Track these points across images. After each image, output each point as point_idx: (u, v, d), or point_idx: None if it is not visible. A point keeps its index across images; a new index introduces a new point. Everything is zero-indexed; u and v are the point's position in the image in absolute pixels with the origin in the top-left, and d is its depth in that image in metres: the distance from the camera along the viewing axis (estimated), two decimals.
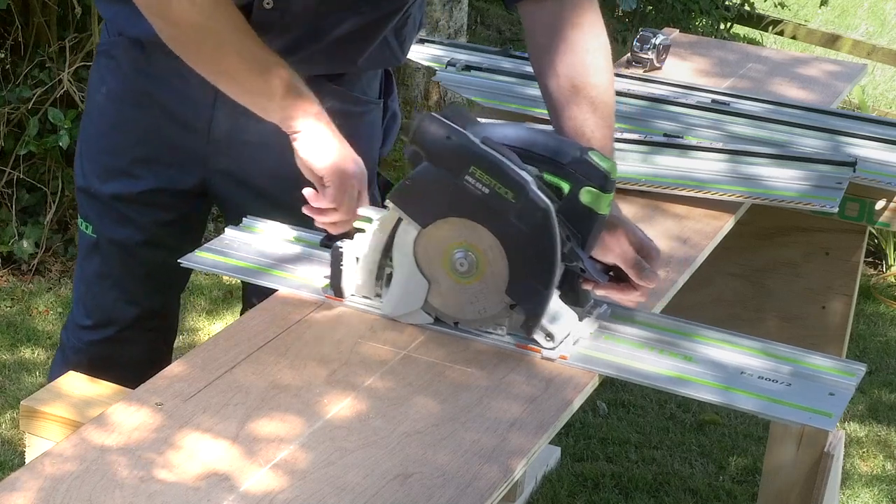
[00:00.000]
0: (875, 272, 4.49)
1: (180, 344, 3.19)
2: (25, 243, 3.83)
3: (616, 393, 3.53)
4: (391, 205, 1.68)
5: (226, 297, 3.88)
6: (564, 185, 1.66)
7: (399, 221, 1.69)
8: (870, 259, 4.50)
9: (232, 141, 2.01)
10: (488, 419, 1.52)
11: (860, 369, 1.67)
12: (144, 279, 2.14)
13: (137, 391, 1.53)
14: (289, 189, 1.86)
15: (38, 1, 3.81)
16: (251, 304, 1.95)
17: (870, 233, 3.13)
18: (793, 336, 2.60)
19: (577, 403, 1.60)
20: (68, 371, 1.69)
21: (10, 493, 1.32)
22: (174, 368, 1.58)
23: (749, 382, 1.63)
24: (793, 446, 2.79)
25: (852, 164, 2.25)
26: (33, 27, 3.88)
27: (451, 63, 2.64)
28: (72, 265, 3.82)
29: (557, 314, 1.67)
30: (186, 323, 3.68)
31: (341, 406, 1.53)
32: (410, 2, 1.95)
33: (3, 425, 3.15)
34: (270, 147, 1.92)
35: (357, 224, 1.75)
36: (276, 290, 1.80)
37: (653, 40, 2.78)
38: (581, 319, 1.71)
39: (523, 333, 1.68)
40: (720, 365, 1.67)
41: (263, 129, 1.85)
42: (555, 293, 1.67)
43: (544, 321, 1.66)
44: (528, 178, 1.62)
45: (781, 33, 6.27)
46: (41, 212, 3.92)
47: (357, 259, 1.74)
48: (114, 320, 2.16)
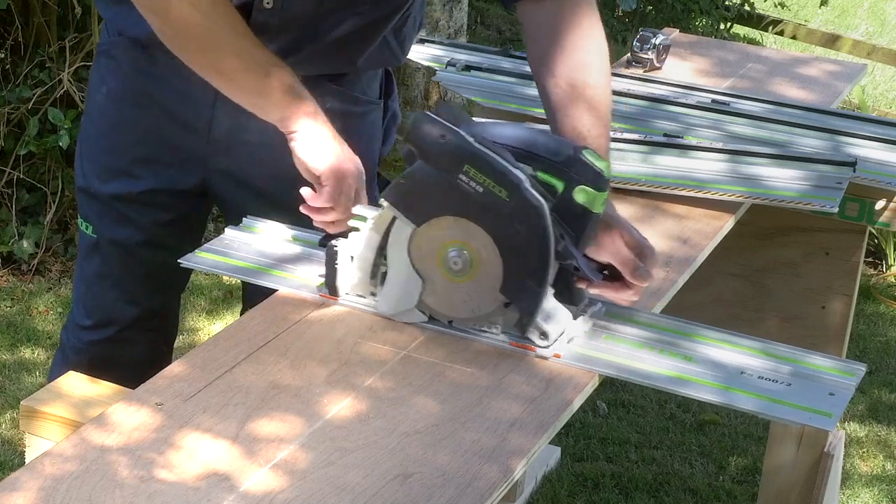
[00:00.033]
0: (875, 272, 4.48)
1: (180, 344, 3.18)
2: (25, 243, 3.82)
3: (616, 393, 3.53)
4: (385, 203, 1.68)
5: (226, 297, 3.88)
6: (558, 184, 1.65)
7: (393, 220, 1.69)
8: (870, 259, 4.50)
9: (232, 141, 2.01)
10: (488, 419, 1.52)
11: (860, 369, 1.67)
12: (144, 279, 2.14)
13: (137, 391, 1.53)
14: (289, 189, 1.86)
15: (38, 1, 3.81)
16: (251, 304, 1.95)
17: (870, 233, 3.13)
18: (793, 336, 2.59)
19: (577, 403, 1.60)
20: (68, 371, 1.69)
21: (10, 493, 1.32)
22: (174, 368, 1.58)
23: (749, 382, 1.63)
24: (793, 446, 2.79)
25: (852, 164, 2.25)
26: (33, 27, 3.88)
27: (451, 63, 2.64)
28: (72, 265, 3.82)
29: (552, 312, 1.67)
30: (186, 323, 3.68)
31: (341, 406, 1.52)
32: (410, 2, 1.95)
33: (3, 425, 3.15)
34: (271, 147, 1.92)
35: (352, 223, 1.75)
36: (276, 290, 1.80)
37: (653, 40, 2.78)
38: (575, 318, 1.71)
39: (517, 332, 1.68)
40: (720, 365, 1.67)
41: (263, 130, 1.85)
42: (549, 291, 1.67)
43: (538, 319, 1.66)
44: (523, 177, 1.62)
45: (781, 33, 6.27)
46: (41, 212, 3.92)
47: (352, 258, 1.73)
48: (114, 320, 2.16)
